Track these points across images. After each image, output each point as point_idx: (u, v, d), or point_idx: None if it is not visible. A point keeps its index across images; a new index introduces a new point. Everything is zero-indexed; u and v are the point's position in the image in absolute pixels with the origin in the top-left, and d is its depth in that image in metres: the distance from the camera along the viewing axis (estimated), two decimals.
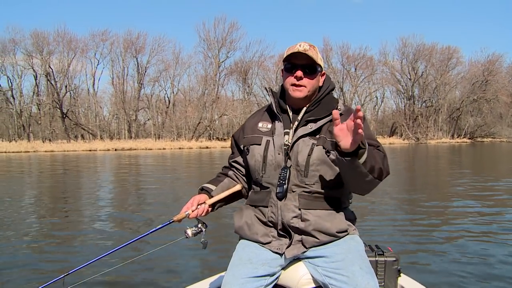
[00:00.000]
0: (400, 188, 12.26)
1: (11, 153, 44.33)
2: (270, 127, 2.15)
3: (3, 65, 58.32)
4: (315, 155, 2.00)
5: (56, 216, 8.42)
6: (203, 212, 2.14)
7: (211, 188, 2.24)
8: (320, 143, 2.01)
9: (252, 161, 2.14)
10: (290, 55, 2.06)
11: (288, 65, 2.10)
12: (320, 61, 2.10)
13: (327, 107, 2.08)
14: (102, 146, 49.82)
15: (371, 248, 2.41)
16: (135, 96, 63.58)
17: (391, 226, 7.13)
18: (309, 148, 2.01)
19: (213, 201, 2.19)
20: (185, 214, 2.10)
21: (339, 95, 73.37)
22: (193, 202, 2.14)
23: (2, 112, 61.30)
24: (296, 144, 2.04)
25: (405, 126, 70.88)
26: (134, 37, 62.93)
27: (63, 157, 34.91)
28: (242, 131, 2.27)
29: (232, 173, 2.32)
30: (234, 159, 2.32)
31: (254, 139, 2.16)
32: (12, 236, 6.66)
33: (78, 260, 5.12)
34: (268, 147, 2.09)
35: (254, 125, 2.21)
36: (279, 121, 2.12)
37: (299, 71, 2.06)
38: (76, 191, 13.22)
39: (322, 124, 2.05)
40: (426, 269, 4.77)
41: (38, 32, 58.96)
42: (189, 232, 2.12)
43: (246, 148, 2.19)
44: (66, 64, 60.33)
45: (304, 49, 2.04)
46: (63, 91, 60.93)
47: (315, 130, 2.04)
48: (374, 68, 73.59)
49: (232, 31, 64.13)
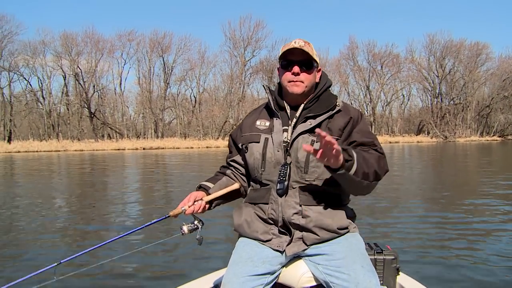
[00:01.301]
0: (417, 186, 12.14)
1: (42, 152, 45.32)
2: (268, 125, 2.15)
3: (34, 66, 59.59)
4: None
5: (87, 210, 8.51)
6: (200, 208, 2.12)
7: (209, 185, 2.23)
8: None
9: (251, 159, 2.14)
10: (286, 52, 2.08)
11: (284, 62, 2.11)
12: (315, 57, 2.12)
13: (326, 104, 2.10)
14: (130, 145, 50.40)
15: (370, 246, 2.41)
16: (161, 95, 64.05)
17: (391, 224, 7.11)
18: (309, 145, 1.98)
19: (210, 198, 2.17)
20: (181, 210, 2.08)
21: (365, 93, 72.83)
22: (190, 198, 2.12)
23: (32, 112, 62.61)
24: (296, 140, 2.03)
25: (433, 124, 69.64)
26: (160, 37, 63.43)
27: (93, 156, 35.48)
28: (240, 129, 2.27)
29: (230, 172, 2.32)
30: (232, 158, 2.31)
31: (253, 137, 2.16)
32: (42, 232, 6.90)
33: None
34: (267, 144, 2.09)
35: (252, 123, 2.21)
36: (277, 118, 2.12)
37: (295, 67, 2.07)
38: (111, 188, 13.48)
39: (322, 121, 2.06)
40: (424, 268, 4.74)
41: (67, 33, 60.16)
42: (185, 228, 2.11)
43: (245, 146, 2.19)
44: (93, 64, 61.25)
45: (300, 45, 2.06)
46: (91, 91, 61.84)
47: (315, 127, 2.02)
48: (401, 65, 72.62)
49: (258, 29, 64.02)
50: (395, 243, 5.64)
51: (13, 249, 5.88)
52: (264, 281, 1.94)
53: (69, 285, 3.69)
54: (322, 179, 2.02)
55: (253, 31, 63.73)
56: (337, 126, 2.05)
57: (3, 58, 57.99)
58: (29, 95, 62.06)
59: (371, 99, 72.50)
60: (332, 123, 2.07)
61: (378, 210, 8.29)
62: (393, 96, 74.50)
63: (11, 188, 13.96)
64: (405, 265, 3.84)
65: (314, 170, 2.01)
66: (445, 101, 73.05)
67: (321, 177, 2.02)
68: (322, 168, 1.93)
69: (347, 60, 72.88)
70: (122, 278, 4.49)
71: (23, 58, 59.00)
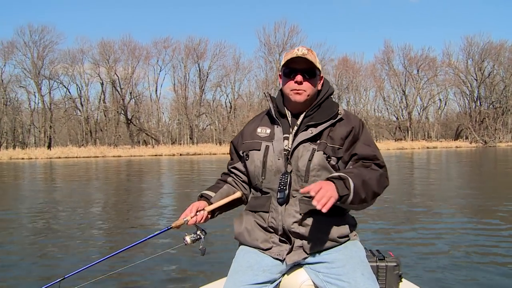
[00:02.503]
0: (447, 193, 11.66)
1: (81, 158, 46.19)
2: (269, 132, 2.13)
3: (73, 74, 61.12)
4: (316, 160, 2.00)
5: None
6: (202, 219, 2.10)
7: (210, 195, 2.21)
8: (321, 149, 2.01)
9: (251, 167, 2.13)
10: (289, 60, 2.06)
11: (287, 70, 2.09)
12: (318, 64, 2.09)
13: (327, 112, 2.08)
14: (167, 151, 50.87)
15: (372, 253, 2.38)
16: (197, 101, 64.48)
17: (392, 231, 7.08)
18: (310, 154, 2.00)
19: (212, 208, 2.15)
20: (183, 221, 2.07)
21: (401, 98, 71.64)
22: (192, 209, 2.11)
23: (71, 119, 64.05)
24: (297, 149, 2.03)
25: (471, 129, 67.69)
26: (195, 43, 64.01)
27: (132, 162, 35.91)
28: (241, 137, 2.25)
29: (232, 179, 2.30)
30: (233, 165, 2.30)
31: (253, 144, 2.14)
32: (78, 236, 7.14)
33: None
34: (268, 152, 2.08)
35: (253, 130, 2.19)
36: (278, 126, 2.11)
37: (298, 76, 2.05)
38: (148, 193, 13.62)
39: (323, 129, 2.04)
40: (427, 274, 4.71)
41: (105, 41, 61.51)
42: (188, 239, 2.10)
43: (246, 154, 2.18)
44: (130, 71, 62.26)
45: (303, 54, 2.03)
46: (128, 97, 62.75)
47: (316, 135, 2.03)
48: (437, 69, 71.12)
49: (293, 35, 64.04)
50: (402, 249, 5.75)
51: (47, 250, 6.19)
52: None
53: None
54: None
55: (287, 36, 63.85)
56: (339, 135, 2.04)
57: (44, 67, 59.86)
58: (68, 102, 63.56)
59: (407, 104, 71.22)
60: (334, 132, 2.05)
61: (385, 217, 8.22)
62: (430, 101, 73.04)
63: (53, 193, 14.33)
64: (408, 271, 3.99)
65: (315, 179, 1.99)
66: (484, 105, 71.02)
67: None
68: (323, 177, 1.97)
69: (382, 65, 72.01)
70: None
71: (63, 66, 60.93)
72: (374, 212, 8.28)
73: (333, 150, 2.01)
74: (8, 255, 6.03)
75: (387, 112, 75.19)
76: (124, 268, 2.60)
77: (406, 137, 68.69)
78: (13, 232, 7.72)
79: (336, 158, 2.03)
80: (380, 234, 6.82)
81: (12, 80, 60.43)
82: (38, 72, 59.52)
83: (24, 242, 6.77)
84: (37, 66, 59.43)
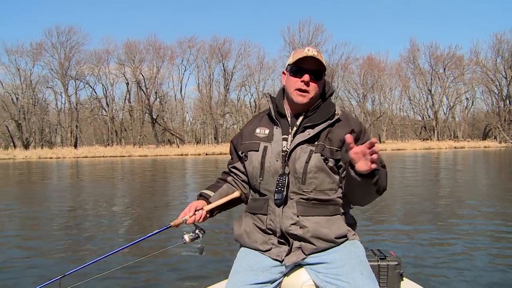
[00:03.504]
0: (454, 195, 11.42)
1: (107, 157, 46.61)
2: (267, 133, 2.13)
3: (99, 74, 61.79)
4: (313, 162, 1.99)
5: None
6: (201, 218, 2.13)
7: (210, 194, 2.23)
8: (318, 151, 2.00)
9: (250, 168, 2.14)
10: (299, 59, 2.03)
11: (295, 68, 2.07)
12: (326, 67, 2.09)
13: (325, 112, 2.07)
14: (193, 151, 50.94)
15: (373, 253, 2.41)
16: (221, 101, 64.51)
17: (393, 230, 7.16)
18: (307, 155, 2.00)
19: (211, 207, 2.17)
20: (182, 220, 2.10)
21: (426, 97, 70.56)
22: (191, 208, 2.13)
23: (96, 119, 64.76)
24: (294, 151, 2.02)
25: (500, 128, 66.28)
26: (220, 43, 63.92)
27: (158, 161, 36.07)
28: (240, 137, 2.24)
29: (231, 179, 2.30)
30: (233, 165, 2.30)
31: (252, 145, 2.14)
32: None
33: None
34: (266, 153, 2.08)
35: (252, 131, 2.19)
36: (277, 127, 2.10)
37: (306, 76, 2.03)
38: (175, 191, 13.97)
39: (320, 130, 2.03)
40: (429, 273, 4.76)
41: (130, 41, 61.86)
42: (186, 237, 2.12)
43: (244, 154, 2.17)
44: (155, 71, 62.57)
45: (313, 54, 2.01)
46: (153, 97, 63.10)
47: (314, 136, 2.02)
48: (464, 68, 69.65)
49: (317, 34, 63.45)
50: (400, 248, 5.79)
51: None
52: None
53: None
54: (319, 190, 2.02)
55: (312, 36, 63.26)
56: (337, 137, 2.02)
57: (71, 67, 60.70)
58: (94, 102, 64.30)
59: (433, 103, 70.10)
60: (332, 133, 2.04)
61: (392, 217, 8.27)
62: (456, 100, 71.65)
63: (88, 191, 14.82)
64: (409, 272, 3.95)
65: (312, 181, 2.00)
66: None
67: (319, 188, 2.02)
68: (320, 179, 2.00)
69: (407, 63, 70.97)
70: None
71: (89, 67, 61.61)
72: (388, 212, 8.49)
73: (331, 152, 2.00)
74: (34, 250, 6.31)
75: (412, 111, 74.21)
76: (123, 266, 2.61)
77: (432, 137, 67.60)
78: (46, 227, 8.07)
79: (334, 160, 2.02)
80: (389, 233, 6.90)
81: (40, 81, 61.53)
82: (65, 72, 60.43)
83: (51, 238, 7.09)
84: (64, 67, 60.30)
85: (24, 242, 6.99)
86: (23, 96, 59.23)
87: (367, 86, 67.45)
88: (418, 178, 17.12)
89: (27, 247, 6.59)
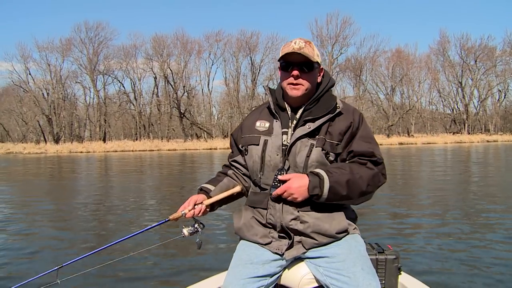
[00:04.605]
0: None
1: (137, 151, 46.87)
2: (268, 126, 2.11)
3: (127, 69, 62.20)
4: (314, 156, 1.98)
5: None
6: (200, 212, 2.11)
7: (210, 188, 2.21)
8: (320, 145, 1.99)
9: (250, 162, 2.13)
10: (286, 54, 2.00)
11: (284, 63, 2.05)
12: (317, 57, 2.04)
13: (325, 106, 2.04)
14: (222, 145, 50.86)
15: (371, 246, 2.40)
16: (249, 95, 64.25)
17: (392, 224, 7.23)
18: (308, 149, 1.98)
19: (211, 202, 2.15)
20: (181, 214, 2.09)
21: (457, 90, 69.07)
22: (190, 202, 2.12)
23: (125, 114, 65.28)
24: (295, 145, 2.00)
25: None
26: (247, 37, 63.24)
27: (188, 156, 36.16)
28: (241, 130, 2.23)
29: (232, 172, 2.29)
30: (233, 158, 2.29)
31: (252, 139, 2.12)
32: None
33: None
34: (266, 147, 2.06)
35: (252, 124, 2.17)
36: (277, 120, 2.09)
37: (295, 70, 2.01)
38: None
39: (321, 124, 2.01)
40: (426, 267, 4.78)
41: (158, 36, 61.87)
42: (185, 231, 2.11)
43: (245, 148, 2.16)
44: (183, 65, 62.59)
45: (299, 47, 1.99)
46: (180, 91, 63.18)
47: (314, 130, 2.00)
48: (497, 59, 67.77)
49: (345, 26, 62.16)
50: (398, 241, 5.86)
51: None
52: (265, 283, 1.95)
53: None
54: None
55: (340, 28, 62.05)
56: (338, 131, 2.01)
57: (99, 62, 61.30)
58: (122, 97, 64.78)
59: (464, 96, 68.53)
60: (333, 126, 2.02)
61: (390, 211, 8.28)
62: (488, 93, 69.85)
63: (122, 183, 15.27)
64: (407, 265, 4.03)
65: None
66: None
67: None
68: None
69: (437, 56, 69.00)
70: (121, 282, 4.58)
71: (117, 62, 62.01)
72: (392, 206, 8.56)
73: (332, 146, 1.99)
74: (61, 241, 6.57)
75: (441, 104, 72.74)
76: (122, 259, 2.63)
77: (463, 130, 66.18)
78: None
79: (335, 154, 2.01)
80: (387, 227, 6.96)
81: (70, 76, 62.36)
82: (93, 67, 60.99)
83: (79, 230, 7.37)
84: (93, 62, 60.85)
85: (54, 232, 7.24)
86: (54, 91, 60.07)
87: (395, 79, 66.18)
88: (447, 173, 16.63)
89: (55, 237, 6.80)
